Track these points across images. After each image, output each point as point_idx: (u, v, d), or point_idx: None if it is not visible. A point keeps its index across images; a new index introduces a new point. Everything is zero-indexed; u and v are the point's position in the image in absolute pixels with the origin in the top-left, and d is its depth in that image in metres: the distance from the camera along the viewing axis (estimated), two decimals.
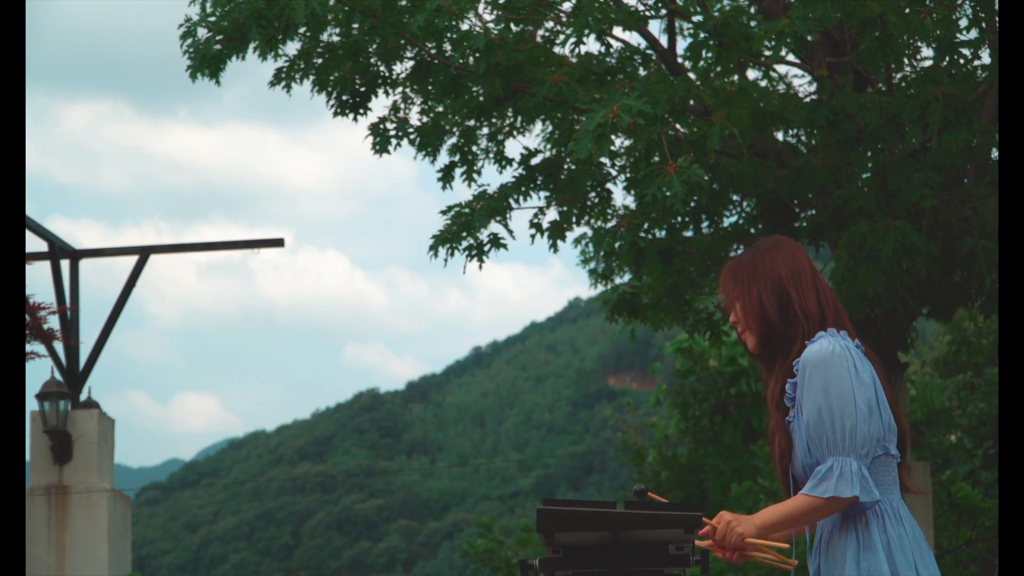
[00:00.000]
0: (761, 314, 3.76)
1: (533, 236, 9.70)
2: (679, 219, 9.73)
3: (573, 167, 9.49)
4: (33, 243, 13.12)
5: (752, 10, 9.63)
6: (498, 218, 9.06)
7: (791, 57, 9.76)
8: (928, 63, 9.45)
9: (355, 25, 8.73)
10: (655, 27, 9.48)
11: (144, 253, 13.43)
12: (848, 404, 3.60)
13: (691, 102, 8.73)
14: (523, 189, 9.45)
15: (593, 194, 9.81)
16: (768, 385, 3.84)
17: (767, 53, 9.35)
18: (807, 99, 9.32)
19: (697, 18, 9.19)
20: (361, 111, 9.33)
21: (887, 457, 3.70)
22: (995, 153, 9.36)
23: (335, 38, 9.09)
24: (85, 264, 13.49)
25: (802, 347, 3.72)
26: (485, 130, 9.78)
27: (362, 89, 9.29)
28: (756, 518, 3.67)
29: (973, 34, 8.93)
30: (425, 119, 9.51)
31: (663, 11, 9.35)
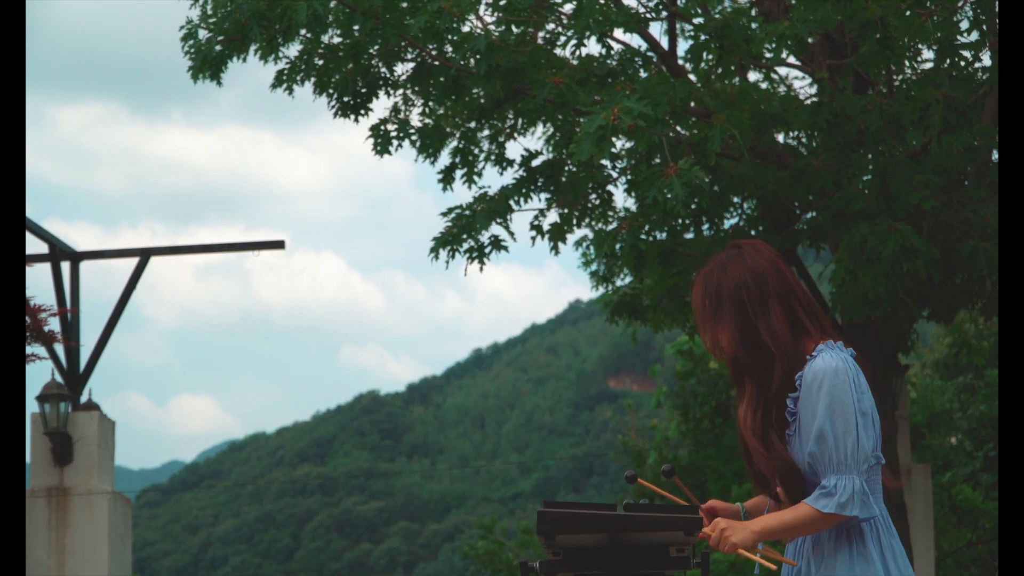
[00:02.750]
0: (730, 350, 3.78)
1: (534, 238, 9.70)
2: (680, 221, 9.73)
3: (574, 169, 9.49)
4: (33, 245, 13.12)
5: (753, 12, 9.63)
6: (499, 220, 9.06)
7: (792, 59, 9.76)
8: (929, 65, 9.45)
9: (356, 27, 8.74)
10: (656, 29, 9.48)
11: (145, 255, 13.42)
12: (851, 423, 3.63)
13: (692, 104, 8.73)
14: (524, 191, 9.45)
15: (594, 196, 9.81)
16: (742, 408, 3.82)
17: (768, 55, 9.35)
18: (808, 101, 9.32)
19: (698, 20, 9.20)
20: (362, 112, 9.33)
21: (877, 466, 3.73)
22: (995, 155, 9.37)
23: (336, 39, 9.09)
24: (83, 266, 13.49)
25: (784, 370, 3.70)
26: (486, 132, 9.78)
27: (363, 91, 9.29)
28: (754, 525, 3.69)
29: (974, 36, 8.93)
30: (426, 121, 9.51)
31: (664, 13, 9.35)
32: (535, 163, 9.66)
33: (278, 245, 13.51)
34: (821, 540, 3.73)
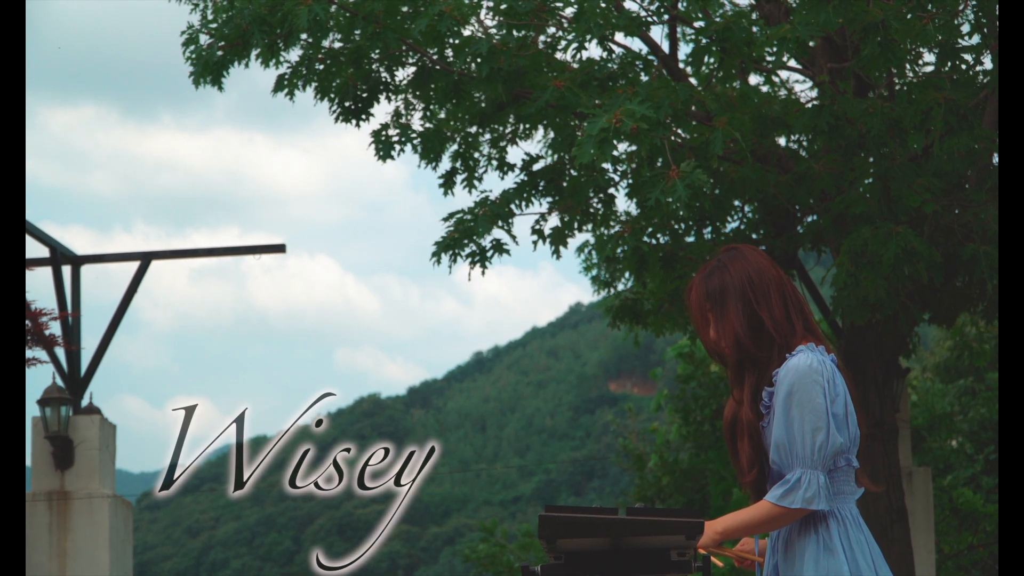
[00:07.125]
0: (735, 341, 3.85)
1: (535, 242, 9.70)
2: (681, 225, 9.73)
3: (575, 173, 9.50)
4: (34, 249, 13.13)
5: (754, 16, 9.63)
6: (500, 224, 9.07)
7: (793, 62, 9.77)
8: (930, 68, 9.46)
9: (357, 31, 8.74)
10: (657, 33, 9.49)
11: (145, 259, 13.43)
12: (820, 419, 3.73)
13: (693, 107, 8.73)
14: (525, 195, 9.46)
15: (595, 200, 9.81)
16: (736, 401, 3.91)
17: (769, 58, 9.35)
18: (809, 104, 9.32)
19: (699, 24, 9.20)
20: (363, 117, 9.33)
21: (848, 468, 3.83)
22: (996, 158, 9.36)
23: (337, 44, 9.09)
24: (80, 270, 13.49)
25: (779, 363, 3.83)
26: (487, 136, 9.78)
27: (364, 95, 9.29)
28: (717, 524, 3.80)
29: (975, 39, 8.93)
30: (427, 125, 9.51)
31: (665, 16, 9.35)
32: (536, 167, 9.66)
33: (279, 249, 13.53)
34: (792, 535, 3.82)
